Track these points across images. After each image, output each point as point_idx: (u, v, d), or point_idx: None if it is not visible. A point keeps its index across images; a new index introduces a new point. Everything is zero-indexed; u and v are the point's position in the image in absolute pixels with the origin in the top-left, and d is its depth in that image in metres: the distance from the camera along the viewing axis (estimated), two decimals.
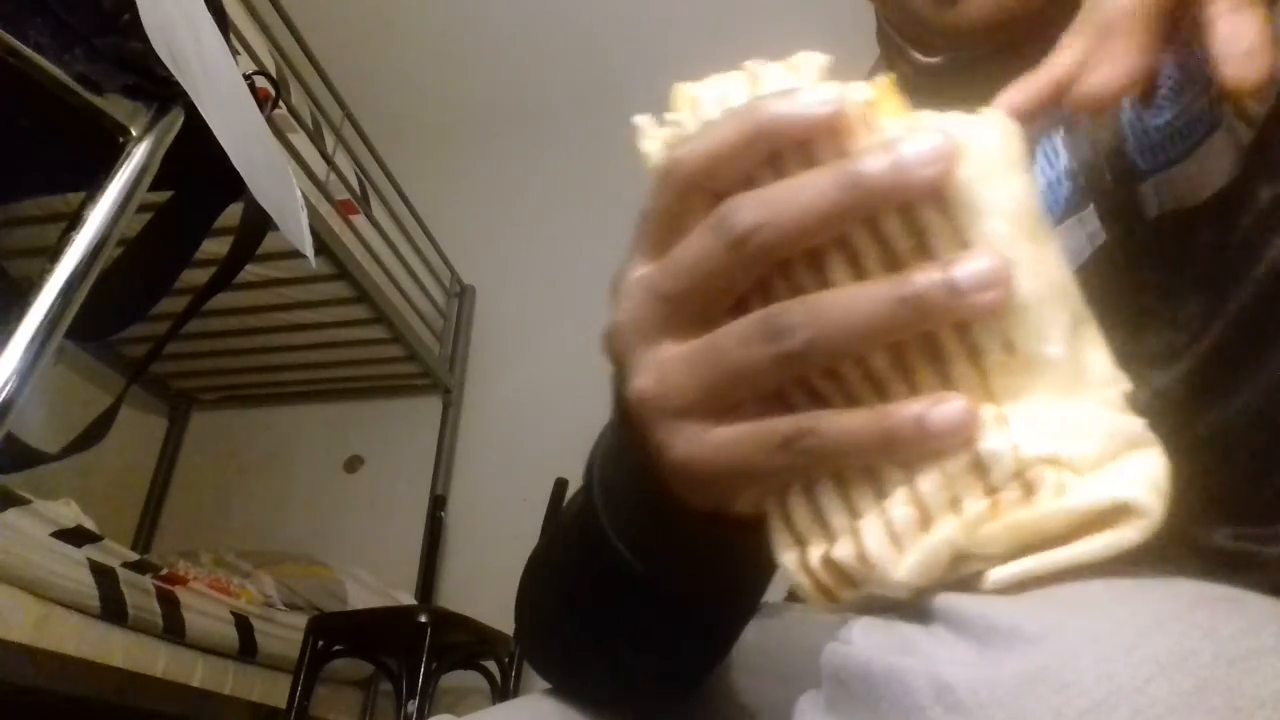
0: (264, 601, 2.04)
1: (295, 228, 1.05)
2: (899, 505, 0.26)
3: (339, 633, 1.93)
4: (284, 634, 1.99)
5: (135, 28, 0.76)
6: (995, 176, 0.26)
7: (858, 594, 0.27)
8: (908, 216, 0.26)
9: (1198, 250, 0.41)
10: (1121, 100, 0.43)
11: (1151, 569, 0.27)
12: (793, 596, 0.59)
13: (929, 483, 0.26)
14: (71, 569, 1.49)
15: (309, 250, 1.08)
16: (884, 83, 0.28)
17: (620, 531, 0.36)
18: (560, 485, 2.23)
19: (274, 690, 1.96)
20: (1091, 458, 0.26)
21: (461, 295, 2.92)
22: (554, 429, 2.53)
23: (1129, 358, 0.42)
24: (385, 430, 2.82)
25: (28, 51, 0.75)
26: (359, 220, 2.33)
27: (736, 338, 0.27)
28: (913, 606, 0.27)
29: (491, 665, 2.06)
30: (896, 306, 0.25)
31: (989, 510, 0.25)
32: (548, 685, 0.50)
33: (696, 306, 0.28)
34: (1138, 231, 0.41)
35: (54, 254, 0.80)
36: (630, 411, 0.30)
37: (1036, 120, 0.34)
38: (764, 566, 0.33)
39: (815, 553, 0.28)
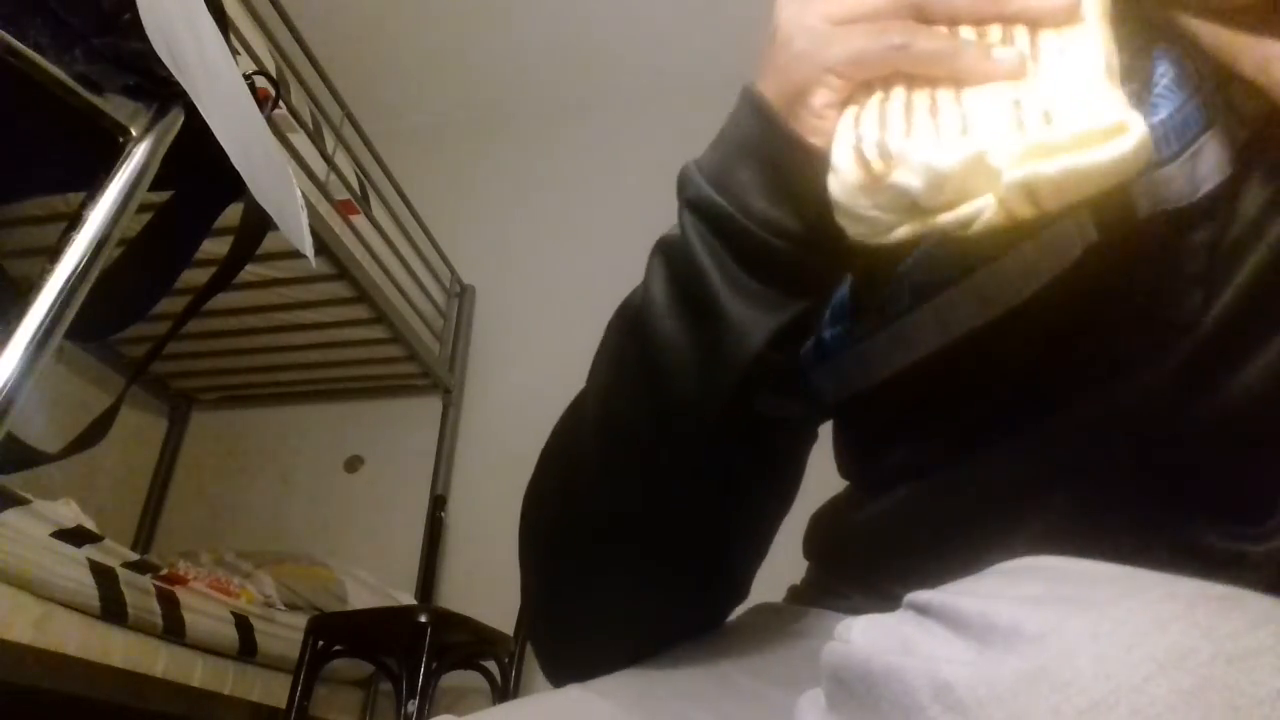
0: (264, 601, 2.04)
1: (295, 228, 1.04)
2: (948, 117, 0.34)
3: (339, 633, 1.93)
4: (284, 634, 1.99)
5: (135, 28, 0.76)
6: None
7: (888, 183, 0.34)
8: None
9: (1190, 249, 0.41)
10: None
11: (1148, 568, 0.27)
12: (793, 597, 0.60)
13: (974, 102, 0.34)
14: (71, 569, 1.49)
15: (309, 250, 1.08)
16: None
17: (759, 217, 0.40)
18: None
19: (274, 690, 1.96)
20: (1100, 102, 0.32)
21: (461, 295, 2.92)
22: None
23: (1120, 356, 0.42)
24: (385, 430, 2.82)
25: (28, 51, 0.75)
26: (359, 220, 2.33)
27: None
28: (913, 605, 0.27)
29: (491, 665, 2.06)
30: None
31: (1016, 128, 0.32)
32: (548, 685, 0.50)
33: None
34: (1129, 230, 0.41)
35: (54, 254, 0.80)
36: (775, 42, 0.38)
37: None
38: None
39: (868, 136, 0.35)
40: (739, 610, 0.55)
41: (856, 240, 0.36)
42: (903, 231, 0.35)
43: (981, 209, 0.33)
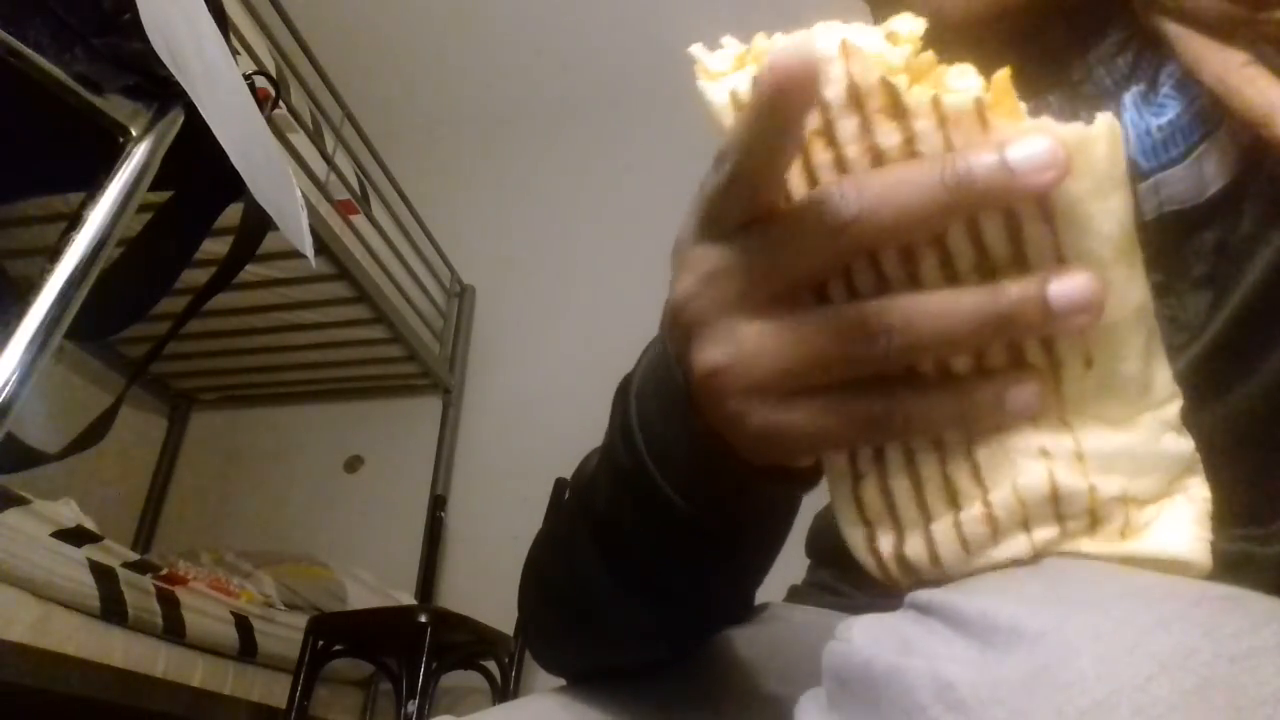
0: (264, 601, 2.04)
1: (295, 228, 1.04)
2: (973, 517, 0.27)
3: (339, 633, 1.92)
4: (284, 634, 1.99)
5: (135, 28, 0.76)
6: (1101, 192, 0.26)
7: (914, 583, 0.28)
8: (1007, 220, 0.26)
9: (1197, 250, 0.41)
10: (1124, 99, 0.43)
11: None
12: (793, 596, 0.60)
13: (1001, 498, 0.27)
14: (71, 569, 1.49)
15: (309, 250, 1.08)
16: (1002, 79, 0.27)
17: (674, 482, 0.35)
18: (560, 485, 2.23)
19: (274, 690, 1.96)
20: (1153, 492, 0.27)
21: (461, 295, 2.92)
22: (554, 429, 2.52)
23: None
24: (385, 430, 2.82)
25: (28, 51, 0.75)
26: (359, 220, 2.33)
27: (824, 328, 0.27)
28: (914, 604, 0.27)
29: (491, 665, 2.06)
30: (990, 318, 0.26)
31: (1057, 537, 0.27)
32: (548, 685, 0.50)
33: (779, 286, 0.28)
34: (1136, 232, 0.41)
35: (54, 254, 0.80)
36: (695, 382, 0.30)
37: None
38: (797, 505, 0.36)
39: (885, 542, 0.29)
40: None
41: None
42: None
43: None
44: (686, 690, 0.47)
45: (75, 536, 1.57)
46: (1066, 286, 0.25)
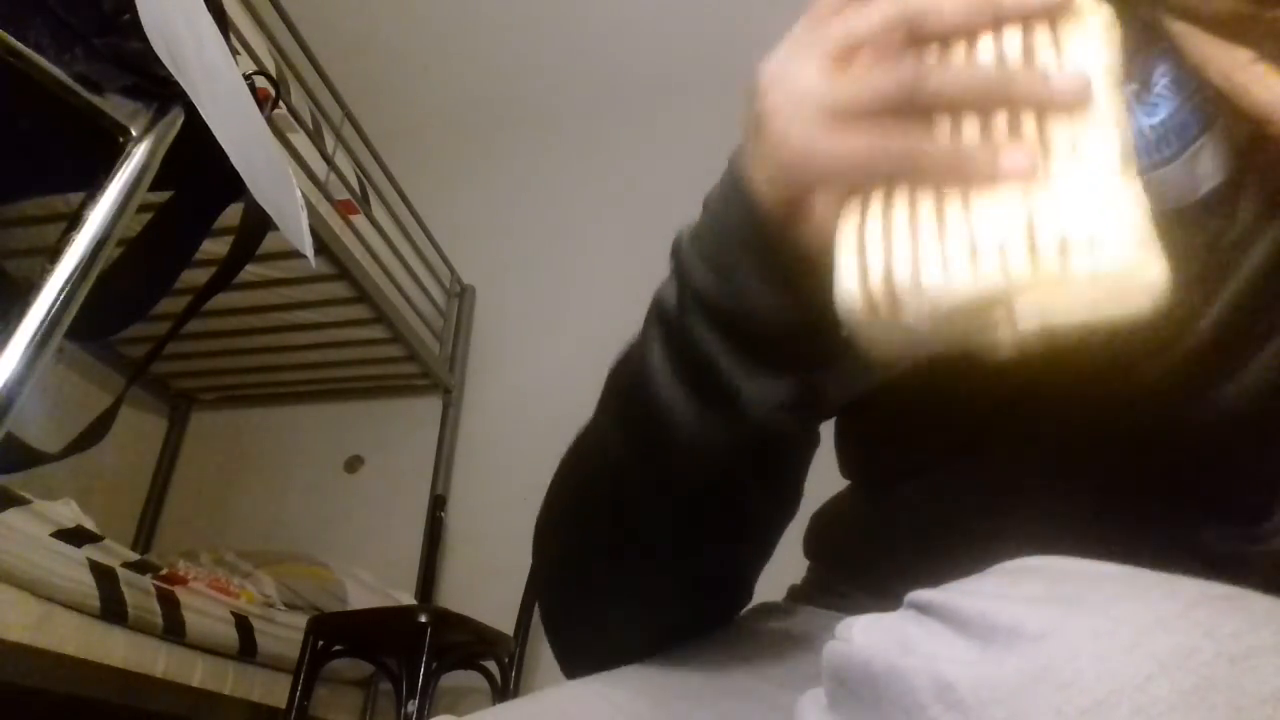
0: (264, 601, 2.04)
1: (295, 228, 1.04)
2: (957, 244, 0.32)
3: (339, 633, 1.92)
4: (284, 634, 1.99)
5: (135, 28, 0.76)
6: (1102, 37, 0.34)
7: (894, 320, 0.32)
8: (1024, 38, 0.34)
9: (1190, 250, 0.41)
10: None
11: (1147, 568, 0.27)
12: (793, 596, 0.60)
13: (983, 218, 0.32)
14: (71, 569, 1.49)
15: (309, 250, 1.08)
16: None
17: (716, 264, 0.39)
18: None
19: (274, 690, 1.96)
20: (1117, 234, 0.31)
21: (461, 295, 2.92)
22: (554, 429, 2.51)
23: (1119, 356, 0.42)
24: (385, 430, 2.82)
25: (28, 51, 0.75)
26: (359, 220, 2.33)
27: (871, 70, 0.34)
28: (914, 604, 0.27)
29: (491, 665, 2.06)
30: (1001, 79, 0.33)
31: (1029, 261, 0.31)
32: (548, 685, 0.50)
33: (845, 46, 0.35)
34: None
35: (54, 254, 0.80)
36: (756, 111, 0.36)
37: None
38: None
39: (875, 269, 0.33)
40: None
41: (876, 358, 0.35)
42: (919, 353, 0.35)
43: (995, 342, 0.32)
44: (686, 689, 0.47)
45: (75, 536, 1.57)
46: (1064, 78, 0.32)
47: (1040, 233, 0.31)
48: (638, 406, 0.43)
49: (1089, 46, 0.33)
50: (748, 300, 0.38)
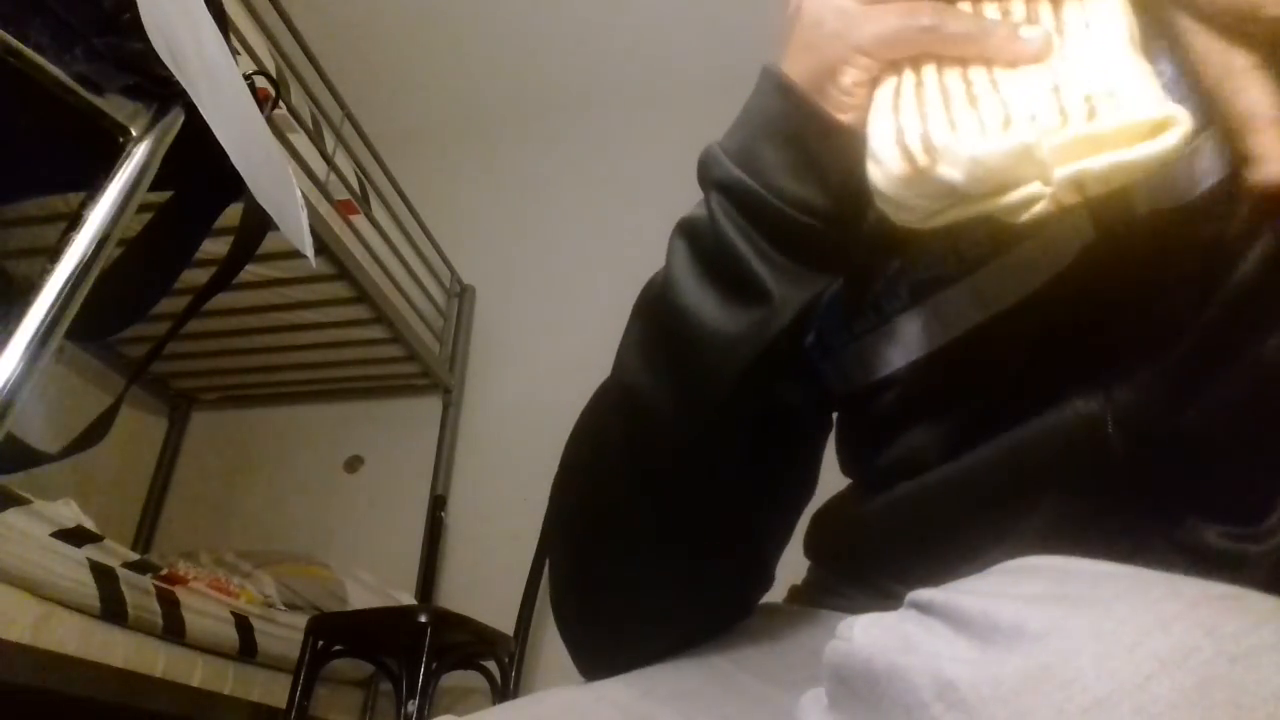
0: (264, 601, 2.04)
1: (295, 228, 1.04)
2: (990, 107, 0.34)
3: (339, 633, 1.92)
4: (284, 634, 1.99)
5: (135, 28, 0.76)
6: None
7: (930, 164, 0.34)
8: None
9: (1189, 247, 0.41)
10: None
11: (1147, 567, 0.27)
12: (793, 596, 0.60)
13: (1012, 88, 0.34)
14: (71, 569, 1.49)
15: (309, 250, 1.08)
16: None
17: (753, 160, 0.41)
18: None
19: (274, 690, 1.96)
20: (1137, 89, 0.33)
21: (461, 295, 2.92)
22: (554, 429, 2.51)
23: (1118, 355, 0.42)
24: (385, 430, 2.82)
25: (28, 51, 0.75)
26: (359, 220, 2.33)
27: None
28: (915, 603, 0.27)
29: (491, 665, 2.06)
30: None
31: (1059, 120, 0.33)
32: (548, 685, 0.50)
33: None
34: (1127, 228, 0.41)
35: (54, 254, 0.80)
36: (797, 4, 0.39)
37: None
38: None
39: (911, 129, 0.35)
40: None
41: (900, 223, 0.37)
42: (949, 216, 0.36)
43: (1029, 197, 0.33)
44: (687, 690, 0.47)
45: (75, 536, 1.57)
46: None
47: (1066, 96, 0.33)
48: (659, 321, 0.44)
49: None
50: (773, 185, 0.40)
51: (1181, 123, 0.32)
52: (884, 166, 0.35)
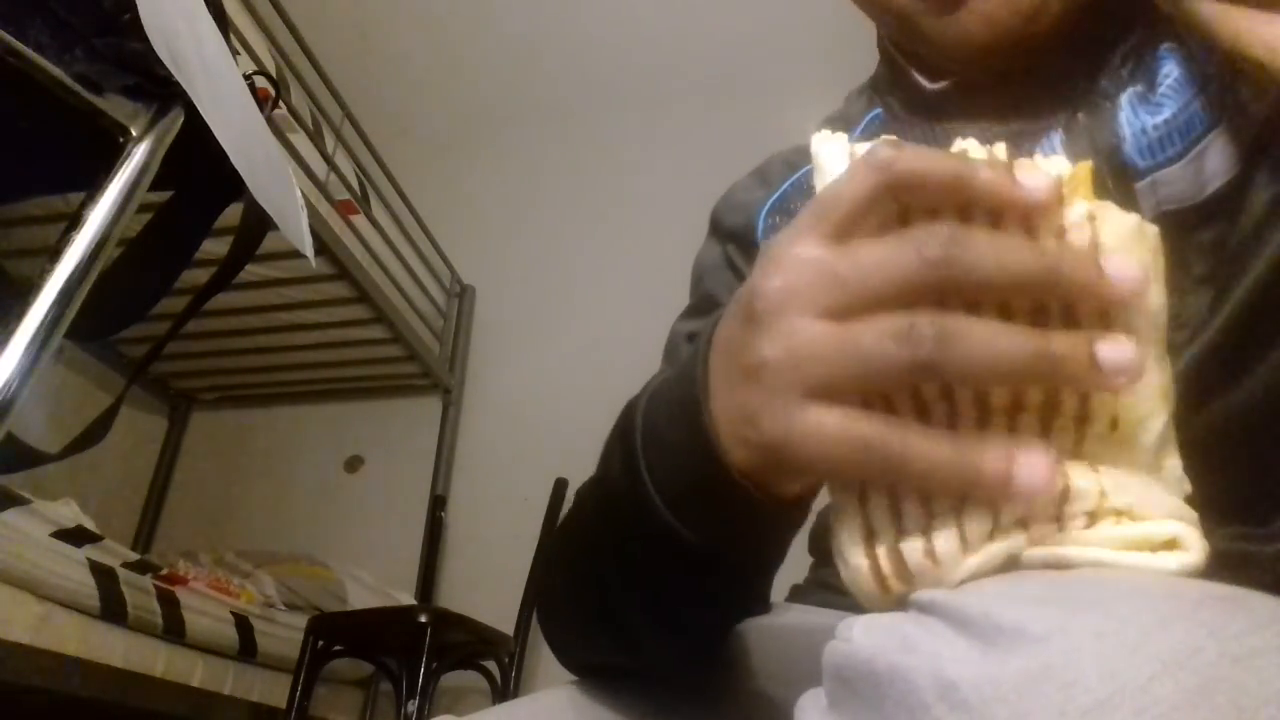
0: (264, 601, 2.04)
1: (295, 228, 1.04)
2: (975, 520, 0.28)
3: (339, 633, 1.92)
4: (284, 634, 1.99)
5: (135, 28, 0.76)
6: (1151, 278, 0.29)
7: (908, 589, 0.29)
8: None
9: (1197, 249, 0.41)
10: (1120, 99, 0.43)
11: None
12: (794, 595, 0.59)
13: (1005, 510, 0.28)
14: (71, 569, 1.49)
15: (309, 250, 1.08)
16: (1084, 169, 0.30)
17: (671, 501, 0.35)
18: (560, 485, 2.23)
19: (274, 690, 1.96)
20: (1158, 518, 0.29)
21: (461, 295, 2.92)
22: (554, 429, 2.53)
23: None
24: (385, 430, 2.82)
25: (28, 51, 0.75)
26: (359, 220, 2.33)
27: (876, 332, 0.27)
28: (916, 604, 0.27)
29: (491, 665, 2.06)
30: (1034, 358, 0.27)
31: (1054, 531, 0.28)
32: (548, 685, 0.50)
33: (862, 299, 0.28)
34: None
35: (54, 254, 0.80)
36: (740, 367, 0.31)
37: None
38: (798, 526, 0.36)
39: (884, 540, 0.29)
40: None
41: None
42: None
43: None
44: (686, 690, 0.47)
45: (75, 536, 1.57)
46: (1114, 347, 0.27)
47: (1075, 505, 0.28)
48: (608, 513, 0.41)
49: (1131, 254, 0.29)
50: (695, 530, 0.35)
51: (1191, 549, 0.28)
52: (853, 578, 0.30)
